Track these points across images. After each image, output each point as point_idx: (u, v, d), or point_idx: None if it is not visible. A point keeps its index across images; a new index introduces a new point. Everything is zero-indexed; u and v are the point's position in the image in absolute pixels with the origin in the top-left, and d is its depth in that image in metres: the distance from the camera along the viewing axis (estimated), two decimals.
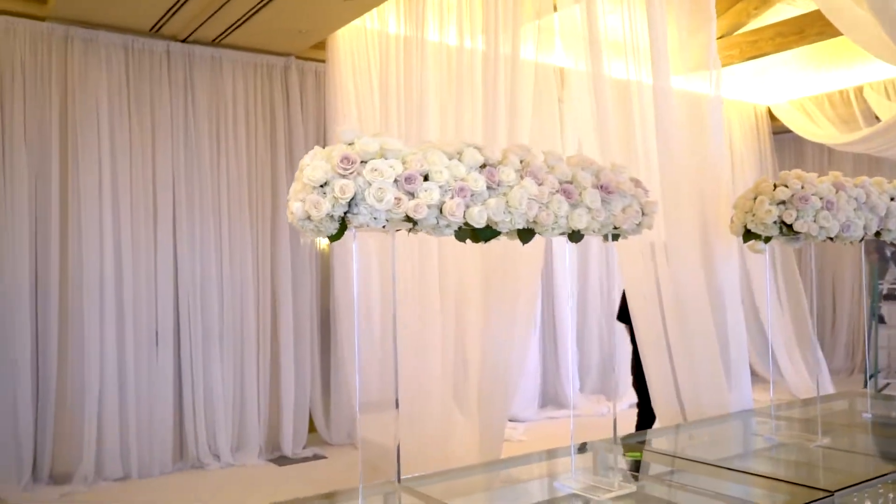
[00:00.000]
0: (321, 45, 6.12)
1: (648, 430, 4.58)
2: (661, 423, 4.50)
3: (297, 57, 6.33)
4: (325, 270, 6.51)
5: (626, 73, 4.10)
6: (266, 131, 6.22)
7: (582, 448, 3.26)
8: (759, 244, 3.43)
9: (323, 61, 6.19)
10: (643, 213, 2.76)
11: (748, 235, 3.46)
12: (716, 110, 3.98)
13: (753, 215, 3.33)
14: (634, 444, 3.31)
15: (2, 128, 5.18)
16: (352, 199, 2.08)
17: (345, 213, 2.10)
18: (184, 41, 5.78)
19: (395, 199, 2.11)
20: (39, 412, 5.27)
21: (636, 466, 3.15)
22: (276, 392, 6.16)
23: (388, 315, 5.55)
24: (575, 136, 5.45)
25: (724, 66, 5.07)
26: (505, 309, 4.64)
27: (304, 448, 6.18)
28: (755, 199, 3.36)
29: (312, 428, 6.40)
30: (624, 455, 3.20)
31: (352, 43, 5.95)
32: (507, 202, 2.36)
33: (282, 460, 6.00)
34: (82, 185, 5.39)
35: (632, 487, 2.72)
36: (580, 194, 2.55)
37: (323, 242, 6.51)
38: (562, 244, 7.14)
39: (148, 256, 5.66)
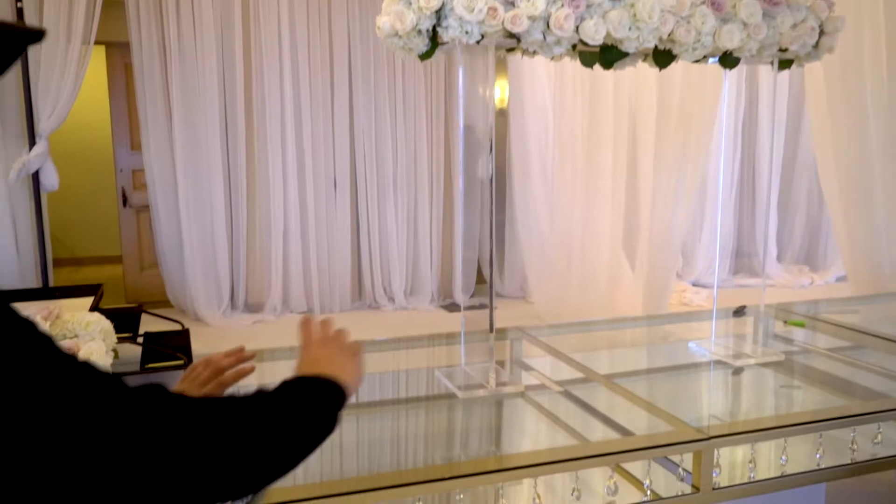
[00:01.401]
0: None
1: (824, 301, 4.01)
2: (857, 291, 3.95)
3: None
4: (500, 126, 6.31)
5: None
6: None
7: (739, 312, 2.92)
8: None
9: None
10: (822, 32, 2.22)
11: None
12: None
13: None
14: (801, 313, 2.90)
15: None
16: (440, 9, 1.84)
17: (433, 26, 1.87)
18: None
19: (490, 8, 1.83)
20: (233, 249, 5.77)
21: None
22: (448, 241, 6.23)
23: (560, 166, 5.29)
24: None
25: None
26: (674, 163, 4.20)
27: (472, 297, 6.27)
28: None
29: (484, 279, 6.46)
30: (785, 323, 2.82)
31: None
32: (633, 14, 1.98)
33: (452, 307, 6.15)
34: (264, 37, 5.54)
35: (778, 356, 2.38)
36: (734, 6, 2.08)
37: (496, 95, 6.26)
38: (768, 75, 6.32)
39: (325, 105, 5.79)
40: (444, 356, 2.55)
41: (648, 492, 1.68)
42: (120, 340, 4.25)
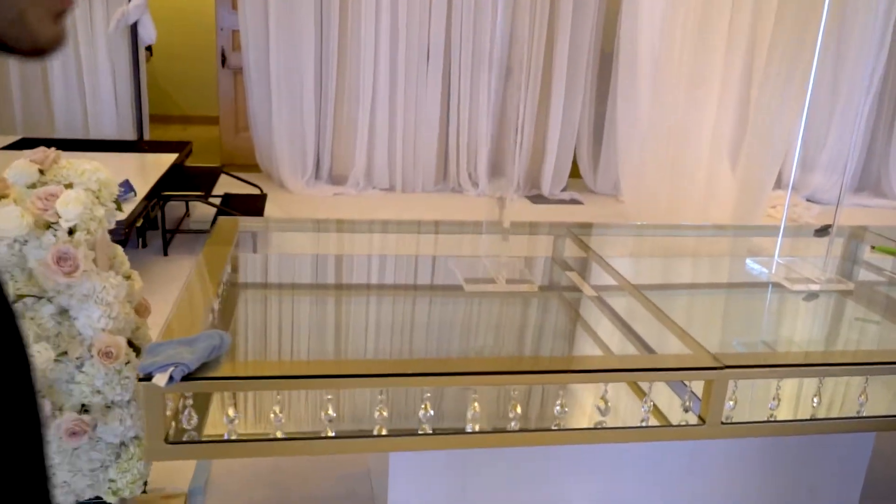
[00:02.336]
0: None
1: None
2: None
3: None
4: (611, 6, 5.80)
5: None
6: None
7: (822, 231, 2.58)
8: None
9: None
10: None
11: None
12: None
13: None
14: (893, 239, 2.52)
15: None
16: None
17: None
18: None
19: None
20: (320, 118, 5.71)
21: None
22: (541, 129, 5.93)
23: (667, 61, 4.82)
24: None
25: None
26: (785, 57, 3.70)
27: (562, 190, 6.01)
28: None
29: (577, 173, 6.15)
30: (872, 248, 2.46)
31: None
32: None
33: (538, 199, 5.92)
34: None
35: (847, 285, 2.07)
36: None
37: None
38: None
39: None
40: (485, 245, 2.40)
41: (646, 415, 1.51)
42: (194, 199, 4.34)
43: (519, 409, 1.47)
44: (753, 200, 4.17)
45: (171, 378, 1.29)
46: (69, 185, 1.69)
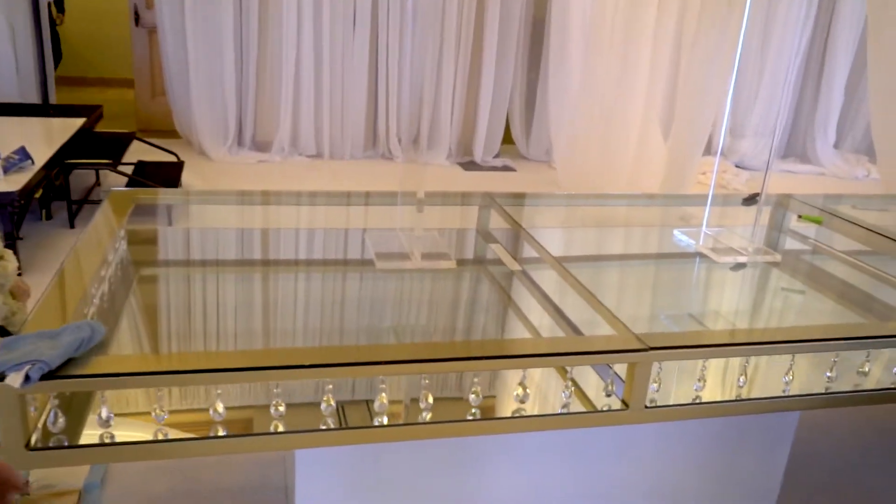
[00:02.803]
0: None
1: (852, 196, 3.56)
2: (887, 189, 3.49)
3: None
4: None
5: None
6: None
7: (750, 200, 2.53)
8: None
9: None
10: None
11: None
12: None
13: None
14: (820, 207, 2.49)
15: None
16: None
17: None
18: None
19: None
20: (242, 81, 5.43)
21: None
22: (473, 93, 5.78)
23: (599, 27, 4.72)
24: None
25: None
26: (716, 22, 3.64)
27: (495, 157, 5.90)
28: None
29: (509, 139, 6.05)
30: (799, 217, 2.43)
31: None
32: None
33: (470, 165, 5.80)
34: None
35: (774, 256, 2.02)
36: None
37: None
38: None
39: None
40: (403, 217, 2.26)
41: (568, 399, 1.42)
42: (102, 167, 4.07)
43: (430, 399, 1.35)
44: (684, 167, 4.14)
45: (27, 378, 1.13)
46: None
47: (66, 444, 1.22)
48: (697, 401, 1.47)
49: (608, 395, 1.45)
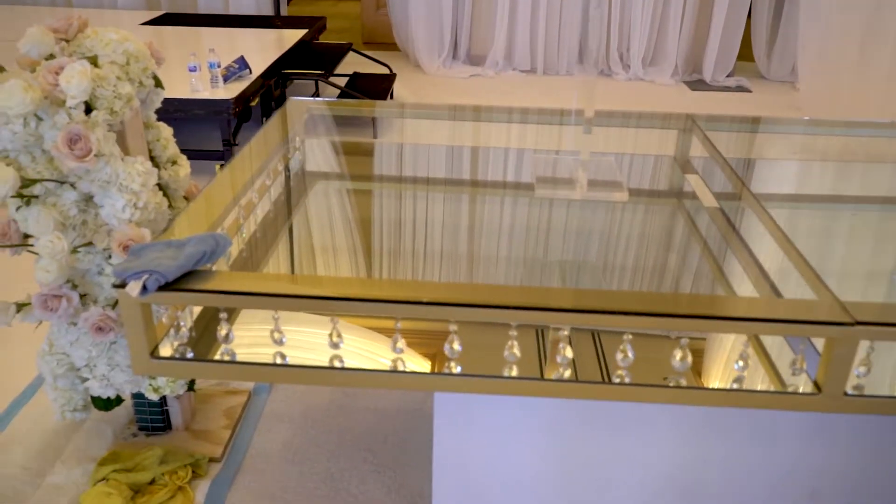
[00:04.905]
0: None
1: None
2: None
3: None
4: None
5: None
6: None
7: None
8: None
9: None
10: None
11: None
12: None
13: None
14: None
15: None
16: None
17: None
18: None
19: None
20: None
21: None
22: (706, 4, 5.15)
23: None
24: None
25: None
26: None
27: (728, 76, 5.26)
28: None
29: (746, 56, 5.35)
30: None
31: None
32: None
33: (698, 84, 5.23)
34: None
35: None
36: None
37: None
38: None
39: None
40: (574, 141, 2.02)
41: (739, 373, 1.16)
42: (314, 77, 4.18)
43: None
44: None
45: (144, 288, 1.11)
46: (94, 59, 1.51)
47: (188, 356, 1.21)
48: None
49: (795, 374, 1.16)
